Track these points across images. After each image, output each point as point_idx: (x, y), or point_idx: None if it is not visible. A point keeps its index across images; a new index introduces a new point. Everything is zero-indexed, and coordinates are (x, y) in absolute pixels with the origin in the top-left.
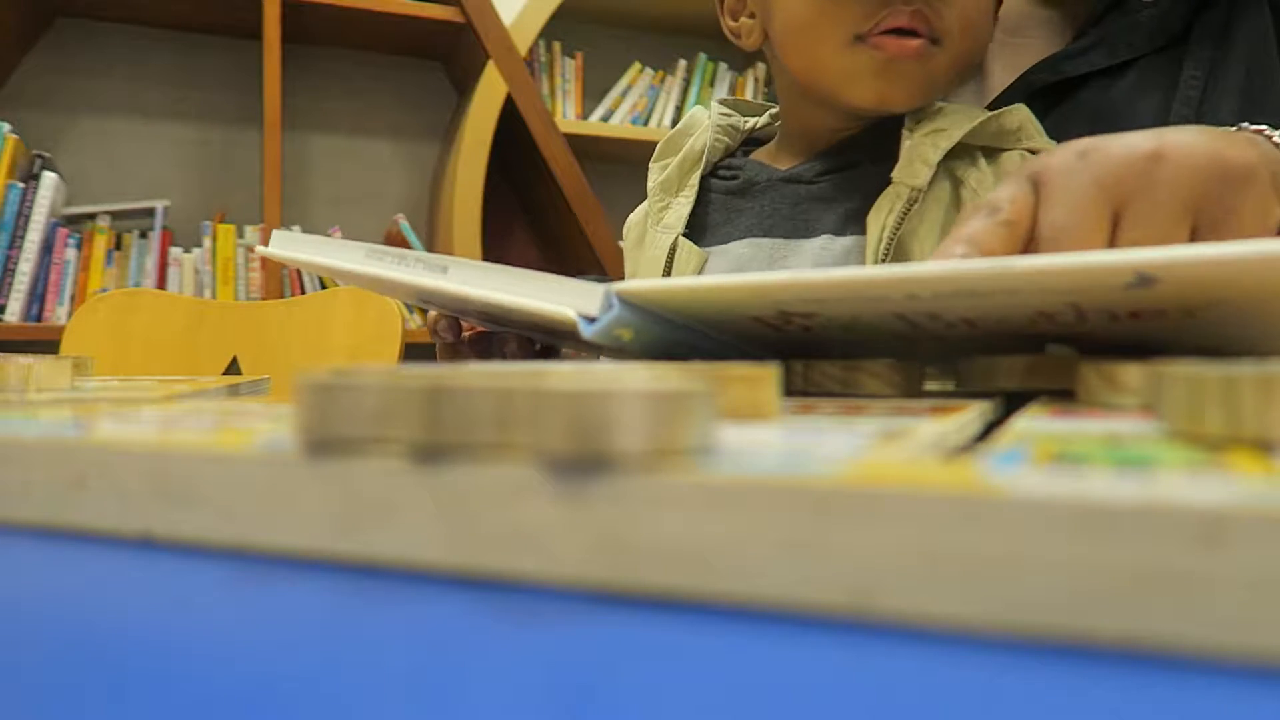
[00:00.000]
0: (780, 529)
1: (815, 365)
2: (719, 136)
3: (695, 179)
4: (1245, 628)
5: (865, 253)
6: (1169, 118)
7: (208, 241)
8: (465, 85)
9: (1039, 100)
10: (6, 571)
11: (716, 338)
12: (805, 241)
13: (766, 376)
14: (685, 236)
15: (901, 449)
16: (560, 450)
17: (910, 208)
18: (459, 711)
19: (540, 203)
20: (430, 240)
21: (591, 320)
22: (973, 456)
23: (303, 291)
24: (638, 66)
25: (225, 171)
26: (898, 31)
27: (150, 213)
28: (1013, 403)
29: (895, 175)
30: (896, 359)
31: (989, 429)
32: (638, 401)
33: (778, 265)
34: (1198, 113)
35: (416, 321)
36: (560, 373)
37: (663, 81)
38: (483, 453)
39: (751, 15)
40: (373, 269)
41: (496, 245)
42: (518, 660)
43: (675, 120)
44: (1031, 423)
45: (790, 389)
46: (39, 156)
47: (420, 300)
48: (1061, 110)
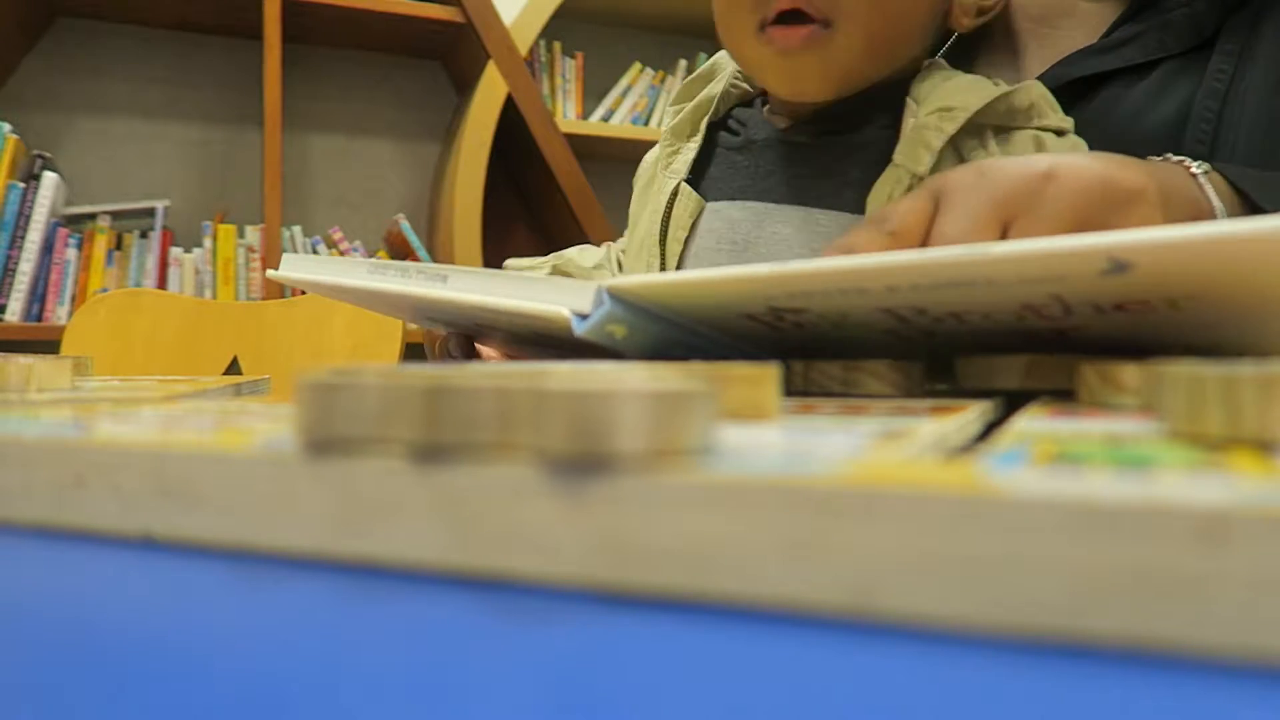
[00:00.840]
0: (780, 529)
1: (815, 365)
2: (735, 83)
3: (704, 125)
4: (1245, 628)
5: None
6: (1190, 116)
7: (208, 241)
8: (466, 85)
9: (1067, 93)
10: (6, 571)
11: (712, 336)
12: (796, 208)
13: (766, 376)
14: (688, 183)
15: (902, 449)
16: (561, 450)
17: (910, 191)
18: (459, 711)
19: (541, 202)
20: (431, 240)
21: (585, 318)
22: (973, 456)
23: (303, 292)
24: (638, 66)
25: (226, 171)
26: (793, 18)
27: (151, 213)
28: (1013, 403)
29: (897, 157)
30: (893, 358)
31: (989, 429)
32: (638, 401)
33: (765, 231)
34: (1222, 106)
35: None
36: (561, 373)
37: (663, 81)
38: (483, 453)
39: None
40: (377, 283)
41: (497, 245)
42: (518, 660)
43: None
44: (1031, 423)
45: (790, 389)
46: (39, 156)
47: (420, 316)
48: (1086, 104)
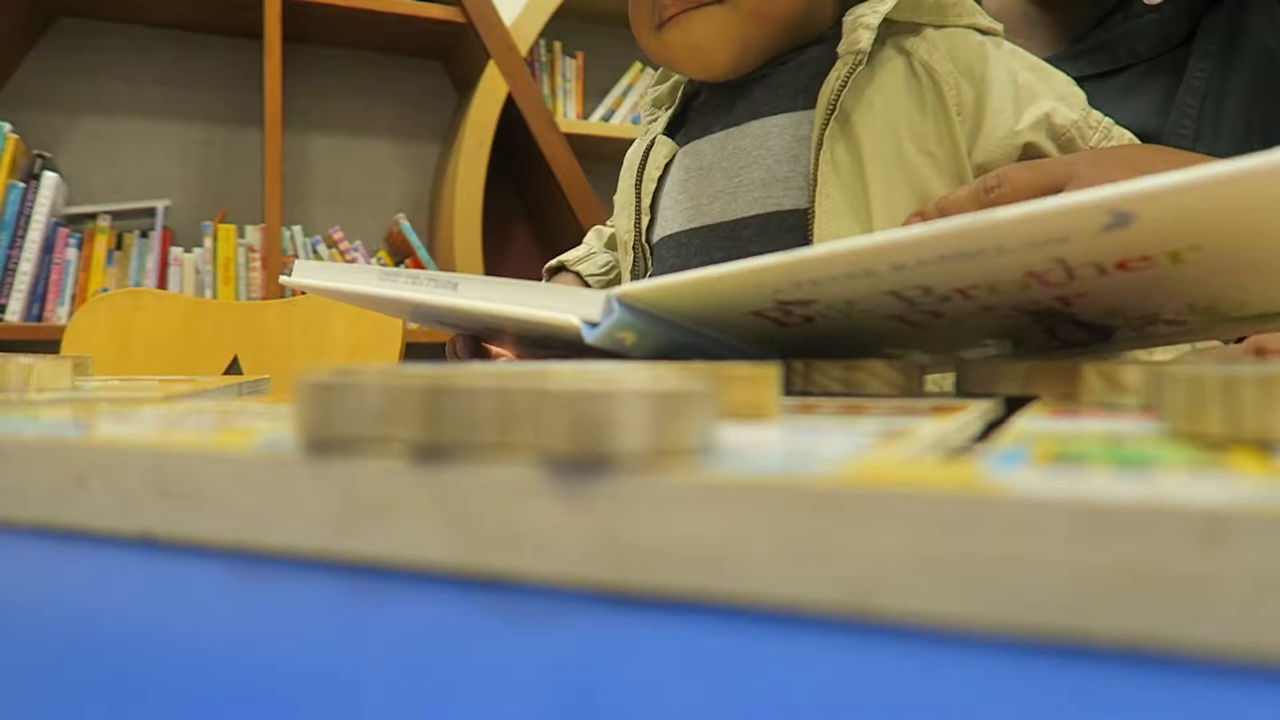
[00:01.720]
0: (781, 529)
1: (815, 365)
2: None
3: (680, 93)
4: (1245, 627)
5: (814, 123)
6: (1169, 118)
7: (208, 241)
8: (466, 85)
9: None
10: (6, 571)
11: (721, 339)
12: (754, 122)
13: (767, 376)
14: (664, 135)
15: (902, 449)
16: (561, 450)
17: (855, 71)
18: (459, 710)
19: (541, 202)
20: (431, 240)
21: (594, 325)
22: (973, 456)
23: (303, 292)
24: (638, 66)
25: (226, 171)
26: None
27: (151, 212)
28: (1013, 403)
29: (840, 48)
30: (903, 348)
31: (989, 429)
32: (638, 401)
33: (728, 149)
34: (1201, 109)
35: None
36: (561, 373)
37: None
38: (483, 453)
39: None
40: (389, 291)
41: (497, 245)
42: (518, 660)
43: None
44: (1032, 423)
45: (790, 389)
46: (40, 156)
47: (421, 317)
48: None
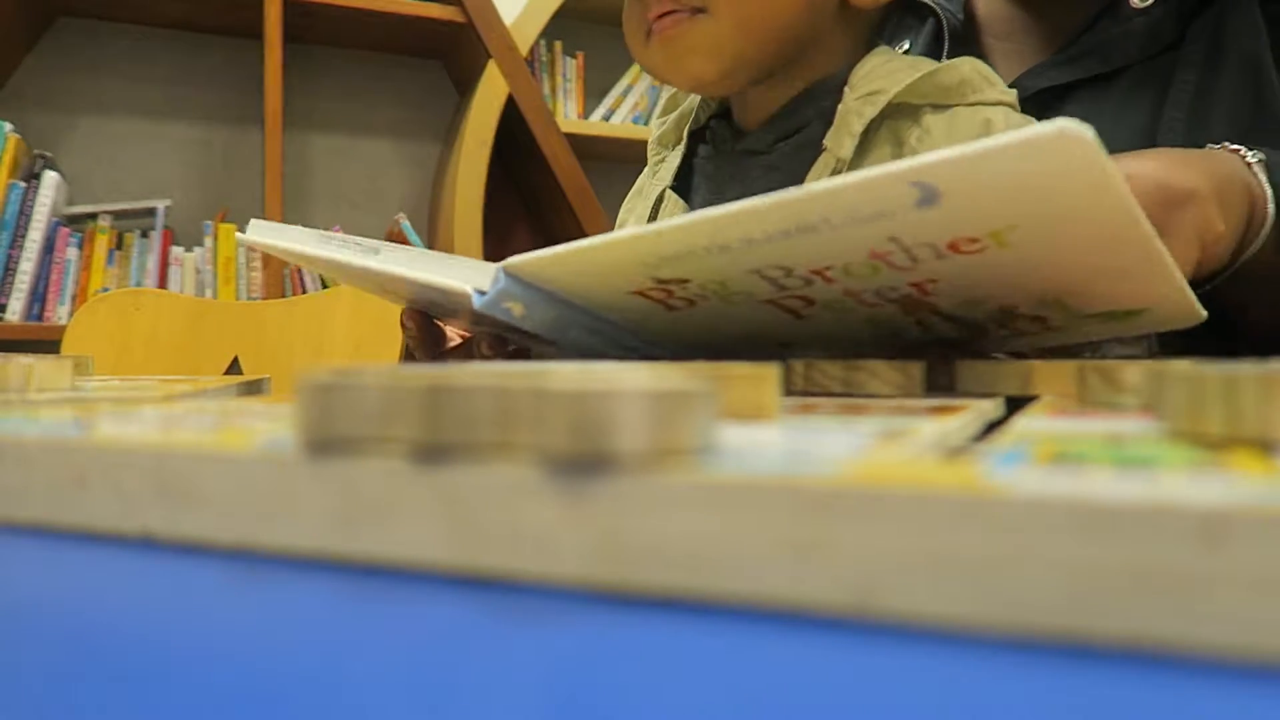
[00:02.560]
0: (781, 529)
1: (816, 365)
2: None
3: (686, 134)
4: (1245, 628)
5: None
6: (1159, 125)
7: (209, 241)
8: (466, 85)
9: (1033, 105)
10: (6, 571)
11: (611, 319)
12: None
13: (767, 376)
14: (673, 190)
15: (902, 449)
16: (561, 450)
17: (837, 171)
18: (459, 711)
19: (541, 202)
20: (431, 239)
21: (485, 294)
22: (973, 456)
23: (304, 291)
24: (638, 67)
25: (226, 171)
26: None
27: (151, 212)
28: (1013, 403)
29: (827, 141)
30: (795, 344)
31: (989, 429)
32: (639, 401)
33: None
34: (1189, 117)
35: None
36: (561, 372)
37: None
38: (483, 453)
39: None
40: (322, 251)
41: (498, 244)
42: (518, 660)
43: None
44: (1032, 423)
45: (790, 389)
46: (40, 156)
47: (366, 285)
48: (1053, 116)
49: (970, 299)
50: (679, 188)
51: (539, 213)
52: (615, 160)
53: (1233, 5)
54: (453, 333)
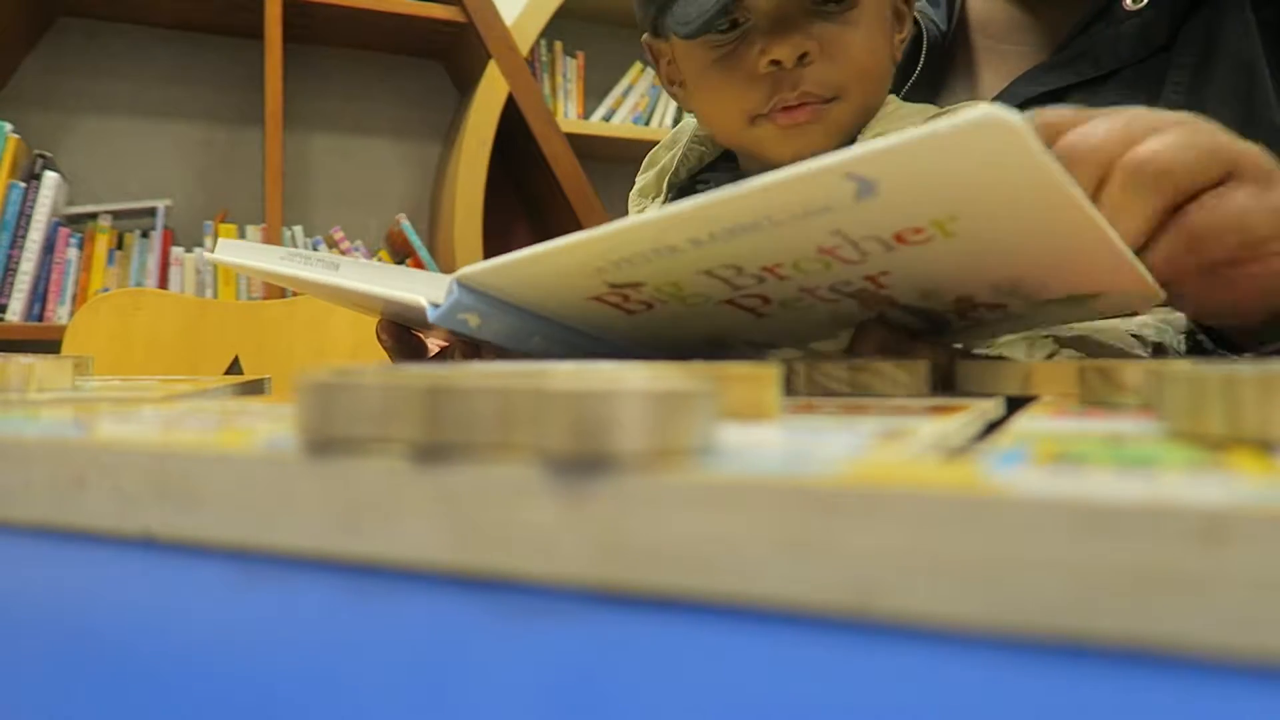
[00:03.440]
0: (781, 529)
1: (819, 366)
2: (694, 146)
3: (665, 185)
4: (1246, 627)
5: None
6: None
7: (209, 241)
8: (467, 85)
9: (1026, 110)
10: (6, 571)
11: (570, 325)
12: None
13: (767, 376)
14: None
15: (902, 449)
16: (561, 450)
17: None
18: (459, 711)
19: (542, 202)
20: (432, 239)
21: (439, 306)
22: (973, 456)
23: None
24: (639, 66)
25: (227, 171)
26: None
27: (152, 212)
28: (1013, 403)
29: None
30: (759, 342)
31: (989, 429)
32: (639, 401)
33: None
34: None
35: None
36: (561, 372)
37: None
38: (483, 453)
39: (682, 84)
40: (284, 268)
41: (498, 244)
42: (518, 660)
43: (676, 120)
44: (1032, 423)
45: (794, 389)
46: (41, 156)
47: (339, 300)
48: None
49: (925, 290)
50: None
51: (539, 213)
52: (615, 160)
53: (1224, 8)
54: (433, 343)
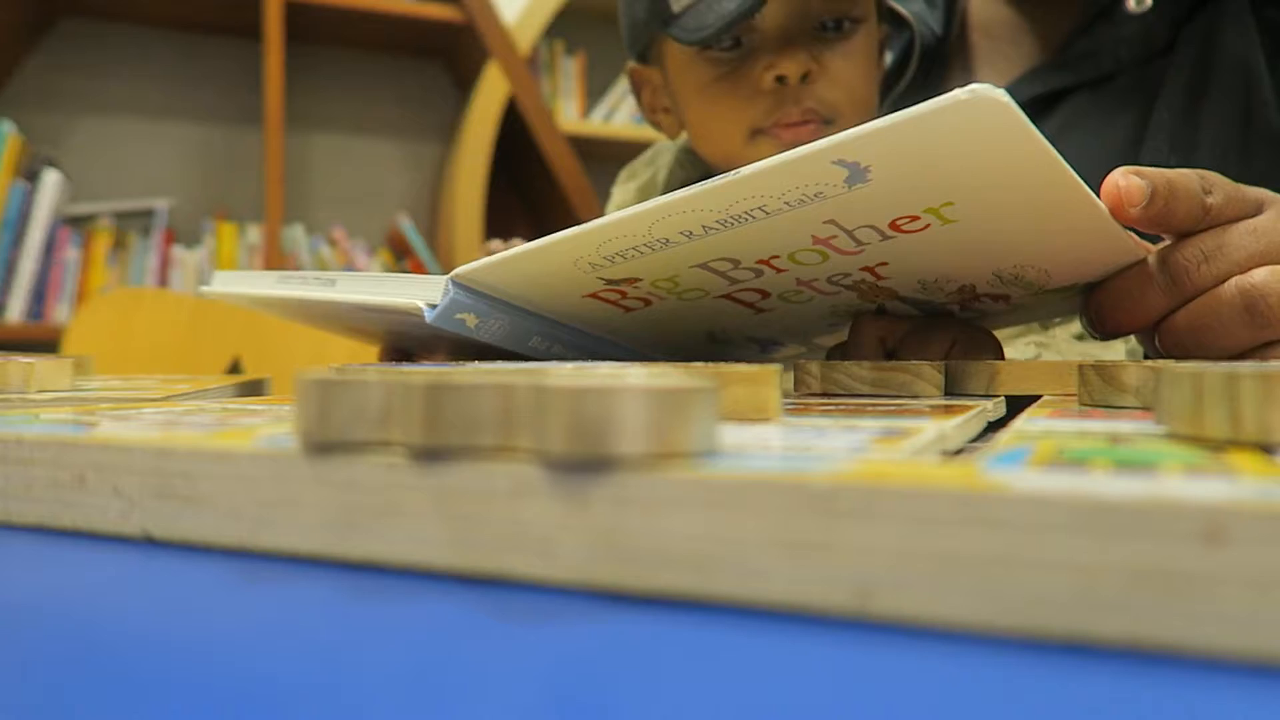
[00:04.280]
0: (781, 528)
1: (838, 366)
2: (676, 170)
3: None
4: (1246, 627)
5: None
6: (1146, 129)
7: (210, 241)
8: (467, 84)
9: (1026, 110)
10: (6, 571)
11: (569, 325)
12: None
13: (768, 376)
14: None
15: (903, 448)
16: (561, 450)
17: None
18: (459, 711)
19: (542, 202)
20: (432, 239)
21: (436, 307)
22: (974, 456)
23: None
24: None
25: (227, 171)
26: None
27: (152, 212)
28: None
29: None
30: (762, 338)
31: (989, 429)
32: (639, 400)
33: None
34: (1178, 120)
35: None
36: (561, 372)
37: None
38: (483, 453)
39: (667, 110)
40: (283, 291)
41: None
42: (518, 660)
43: None
44: (1032, 423)
45: (807, 390)
46: (41, 156)
47: (335, 329)
48: (1047, 121)
49: (926, 281)
50: None
51: (539, 213)
52: (615, 160)
53: (1225, 11)
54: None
